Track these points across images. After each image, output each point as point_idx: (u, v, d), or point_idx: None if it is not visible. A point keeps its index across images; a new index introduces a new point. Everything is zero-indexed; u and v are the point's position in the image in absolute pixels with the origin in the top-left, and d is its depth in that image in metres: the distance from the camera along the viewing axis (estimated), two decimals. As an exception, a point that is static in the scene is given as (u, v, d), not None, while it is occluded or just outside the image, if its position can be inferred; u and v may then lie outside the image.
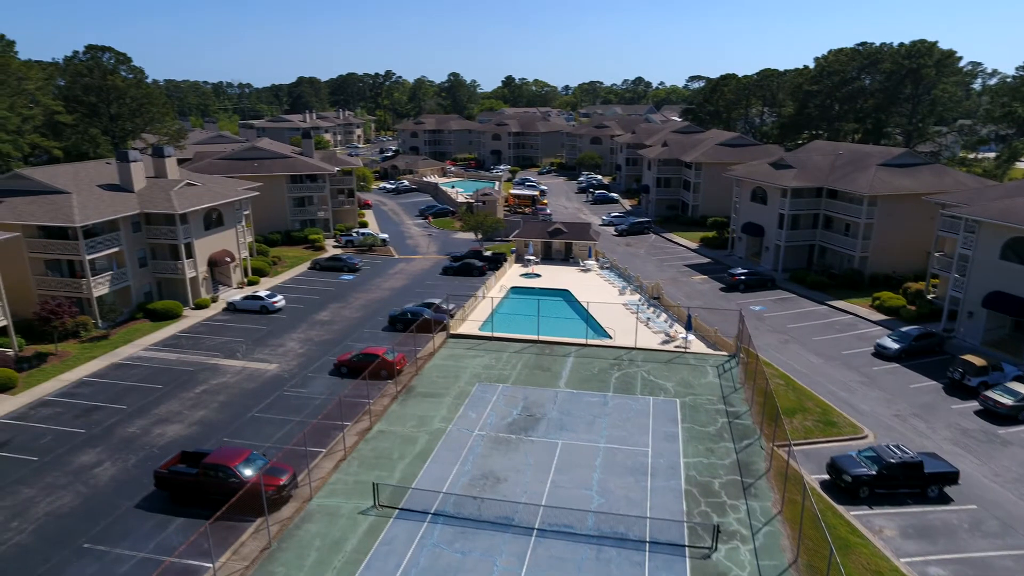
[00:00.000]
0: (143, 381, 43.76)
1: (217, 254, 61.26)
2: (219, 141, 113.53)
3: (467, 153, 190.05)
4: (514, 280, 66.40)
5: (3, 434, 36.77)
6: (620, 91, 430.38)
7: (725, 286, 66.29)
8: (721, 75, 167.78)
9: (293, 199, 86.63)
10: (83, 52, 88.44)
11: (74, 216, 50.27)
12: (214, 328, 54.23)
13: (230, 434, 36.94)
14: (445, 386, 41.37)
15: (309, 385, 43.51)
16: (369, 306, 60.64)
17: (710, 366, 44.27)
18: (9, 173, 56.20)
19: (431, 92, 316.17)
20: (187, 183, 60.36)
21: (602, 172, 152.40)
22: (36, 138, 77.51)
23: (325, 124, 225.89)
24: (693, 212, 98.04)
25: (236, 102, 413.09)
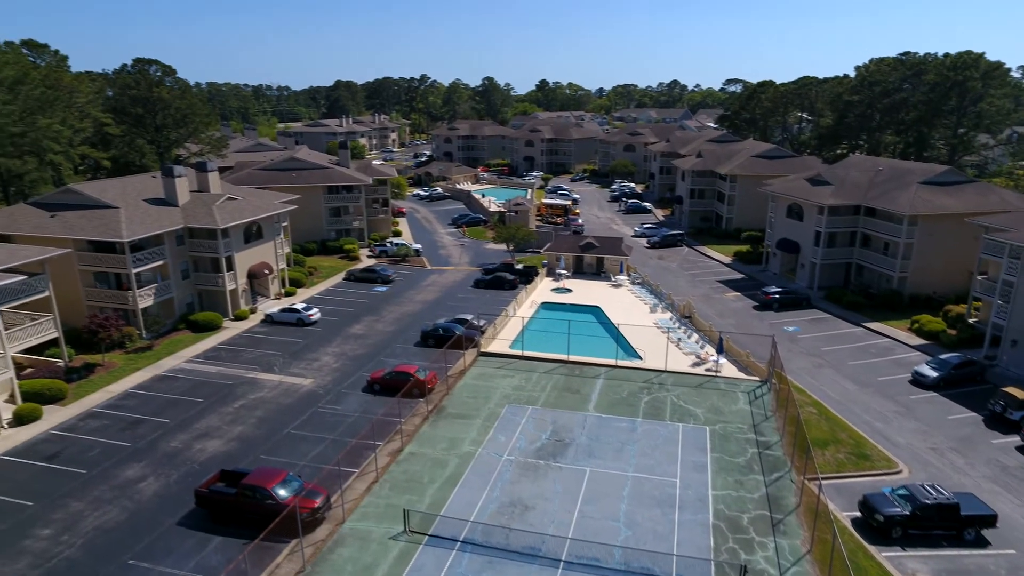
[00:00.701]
0: (185, 394, 45.29)
1: (256, 266, 62.93)
2: (259, 149, 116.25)
3: (500, 159, 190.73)
4: (545, 295, 66.72)
5: (54, 445, 38.52)
6: (655, 94, 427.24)
7: (758, 304, 65.60)
8: (759, 82, 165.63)
9: (329, 209, 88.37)
10: (131, 65, 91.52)
11: (122, 231, 52.24)
12: (252, 340, 55.77)
13: (267, 451, 38.06)
14: (475, 407, 41.92)
15: (343, 402, 44.51)
16: (402, 320, 61.61)
17: (741, 392, 43.97)
18: (62, 188, 58.62)
19: (465, 96, 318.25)
20: (228, 197, 62.14)
21: (635, 180, 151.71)
22: (86, 149, 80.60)
23: (361, 129, 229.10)
24: (727, 224, 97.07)
25: (275, 105, 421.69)
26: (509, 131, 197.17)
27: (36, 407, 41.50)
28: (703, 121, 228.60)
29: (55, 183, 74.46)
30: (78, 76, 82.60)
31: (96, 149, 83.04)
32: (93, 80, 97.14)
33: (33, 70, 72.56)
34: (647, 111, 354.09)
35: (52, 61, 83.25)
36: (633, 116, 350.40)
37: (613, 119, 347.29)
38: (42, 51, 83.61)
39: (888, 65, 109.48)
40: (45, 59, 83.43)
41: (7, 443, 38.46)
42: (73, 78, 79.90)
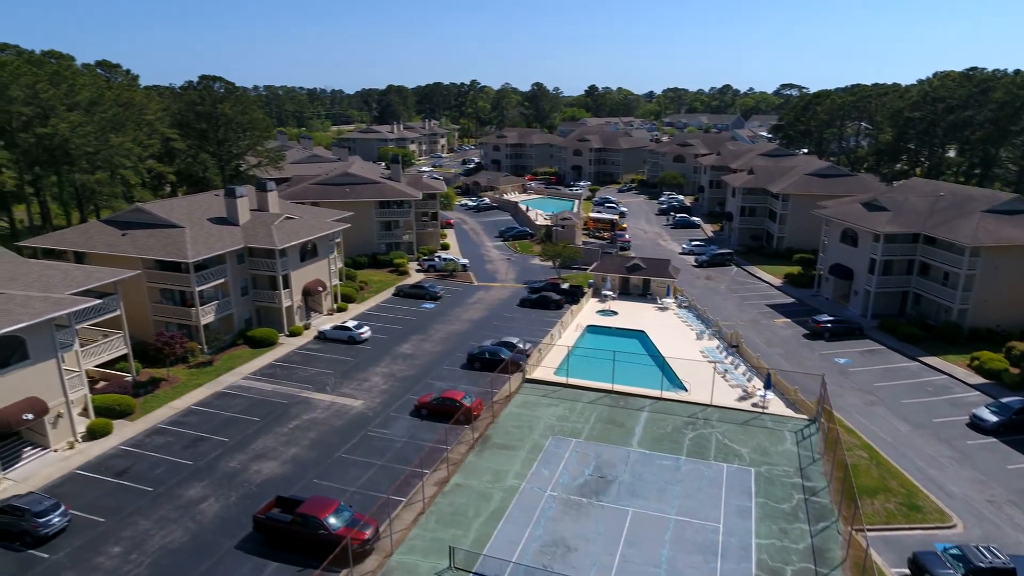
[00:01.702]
0: (243, 413, 47.37)
1: (311, 284, 65.11)
2: (314, 160, 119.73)
3: (548, 167, 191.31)
4: (591, 317, 66.98)
5: (124, 461, 40.93)
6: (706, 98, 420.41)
7: (809, 333, 64.36)
8: (815, 92, 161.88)
9: (380, 223, 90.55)
10: (197, 81, 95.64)
11: (187, 251, 54.92)
12: (306, 358, 57.81)
13: (319, 475, 39.58)
14: (520, 437, 42.64)
15: (391, 426, 45.83)
16: (449, 339, 62.80)
17: (788, 431, 43.46)
18: (132, 208, 61.87)
19: (514, 101, 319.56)
20: (286, 217, 64.49)
21: (684, 192, 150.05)
22: (153, 163, 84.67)
23: (411, 135, 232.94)
24: (778, 244, 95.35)
25: (328, 108, 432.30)
26: (557, 139, 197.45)
27: (107, 422, 44.14)
28: (756, 130, 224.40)
29: (125, 197, 78.56)
30: (147, 93, 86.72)
31: (162, 163, 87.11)
32: (160, 94, 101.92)
33: (107, 90, 76.71)
34: (698, 116, 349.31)
35: (124, 80, 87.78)
36: (683, 122, 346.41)
37: (663, 124, 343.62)
38: (115, 70, 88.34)
39: (953, 80, 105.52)
40: (117, 78, 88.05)
41: (81, 457, 41.06)
42: (143, 96, 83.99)
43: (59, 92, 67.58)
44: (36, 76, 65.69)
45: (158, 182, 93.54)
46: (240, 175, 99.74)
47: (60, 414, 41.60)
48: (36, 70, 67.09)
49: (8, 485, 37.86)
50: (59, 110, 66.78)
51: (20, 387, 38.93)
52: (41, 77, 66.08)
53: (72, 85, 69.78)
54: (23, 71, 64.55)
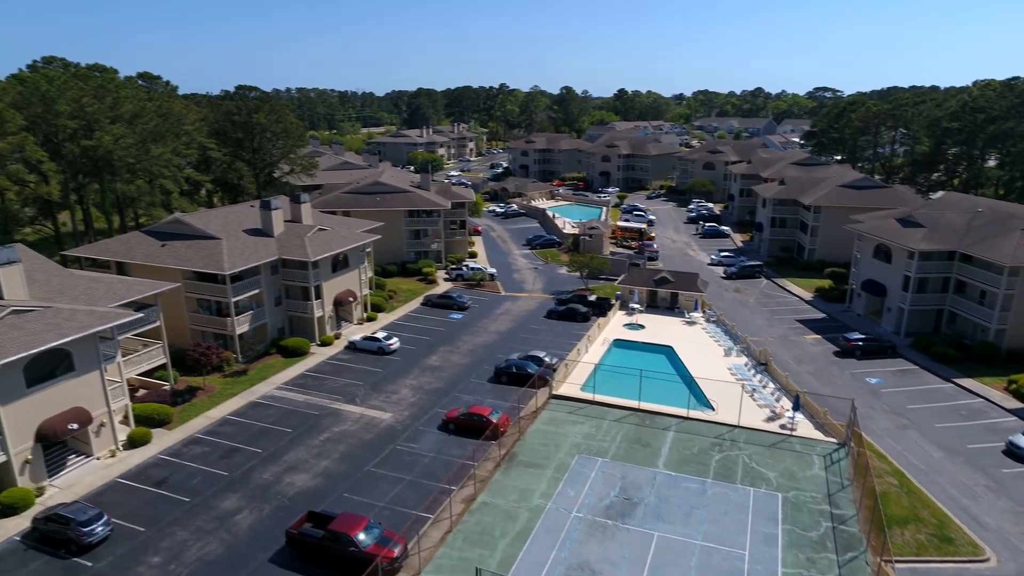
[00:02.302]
0: (275, 423, 48.57)
1: (342, 294, 66.30)
2: (346, 167, 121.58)
3: (576, 172, 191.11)
4: (617, 331, 67.06)
5: (162, 471, 42.31)
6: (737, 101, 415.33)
7: (839, 351, 63.53)
8: (848, 99, 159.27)
9: (409, 232, 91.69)
10: (233, 91, 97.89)
11: (224, 263, 56.42)
12: (336, 368, 58.92)
13: (349, 489, 40.44)
14: (546, 455, 43.03)
15: (419, 440, 46.56)
16: (476, 351, 63.41)
17: (817, 455, 43.12)
18: (171, 219, 63.71)
19: (543, 104, 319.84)
20: (319, 228, 65.77)
21: (714, 200, 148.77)
22: (191, 172, 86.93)
23: (440, 139, 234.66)
24: (809, 256, 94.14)
25: (359, 110, 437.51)
26: (585, 145, 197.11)
27: (147, 431, 45.65)
28: (787, 136, 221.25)
29: (163, 205, 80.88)
30: (186, 104, 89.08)
31: (199, 171, 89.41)
32: (197, 103, 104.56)
33: (148, 102, 79.06)
34: (728, 120, 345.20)
35: (164, 91, 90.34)
36: (714, 125, 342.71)
37: (692, 128, 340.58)
38: (155, 82, 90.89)
39: (994, 90, 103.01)
40: (157, 89, 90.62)
41: (122, 466, 42.55)
42: (182, 106, 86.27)
43: (103, 106, 69.99)
44: (82, 90, 68.19)
45: (195, 189, 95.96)
46: (273, 182, 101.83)
47: (103, 423, 43.16)
48: (82, 84, 69.62)
49: (54, 492, 39.45)
50: (103, 123, 69.17)
51: (66, 398, 40.52)
52: (86, 91, 68.58)
53: (116, 98, 72.21)
54: (70, 86, 67.06)
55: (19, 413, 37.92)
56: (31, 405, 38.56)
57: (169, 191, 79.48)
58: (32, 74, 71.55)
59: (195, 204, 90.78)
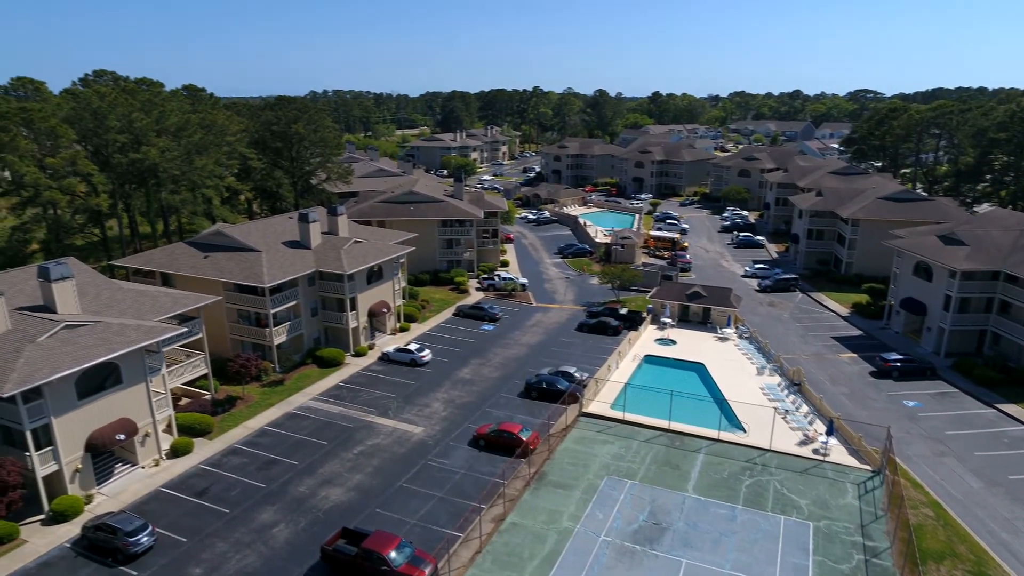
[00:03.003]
0: (311, 435, 49.82)
1: (376, 305, 67.51)
2: (380, 174, 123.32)
3: (608, 177, 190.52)
4: (649, 346, 66.95)
5: (203, 481, 43.81)
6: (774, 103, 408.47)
7: (876, 371, 62.37)
8: (890, 105, 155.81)
9: (443, 241, 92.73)
10: (273, 101, 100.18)
11: (263, 276, 58.01)
12: (370, 379, 60.06)
13: (381, 504, 41.34)
14: (575, 476, 43.36)
15: (450, 456, 47.27)
16: (507, 365, 63.95)
17: (850, 483, 42.58)
18: (213, 231, 65.66)
19: (576, 106, 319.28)
20: (355, 241, 67.07)
21: (749, 208, 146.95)
22: (232, 181, 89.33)
23: (473, 143, 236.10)
24: (846, 269, 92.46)
25: (394, 113, 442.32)
26: (618, 150, 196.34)
27: (189, 440, 47.29)
28: (826, 141, 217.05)
29: (207, 214, 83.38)
30: (228, 115, 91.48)
31: (239, 180, 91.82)
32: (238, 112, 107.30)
33: (192, 114, 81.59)
34: (765, 123, 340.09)
35: (208, 103, 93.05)
36: (750, 128, 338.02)
37: (728, 131, 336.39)
38: (199, 94, 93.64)
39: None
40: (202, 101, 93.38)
41: (166, 475, 44.18)
42: (224, 117, 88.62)
43: (150, 119, 72.51)
44: (131, 105, 70.78)
45: (234, 196, 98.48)
46: (311, 189, 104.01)
47: (148, 433, 44.88)
48: (130, 99, 72.22)
49: (102, 500, 41.21)
50: (150, 136, 71.64)
51: (114, 409, 42.27)
52: (135, 106, 71.16)
53: (162, 112, 74.76)
54: (119, 101, 69.67)
55: (70, 424, 39.71)
56: (81, 416, 40.33)
57: (211, 199, 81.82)
58: (84, 90, 74.64)
59: (236, 212, 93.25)
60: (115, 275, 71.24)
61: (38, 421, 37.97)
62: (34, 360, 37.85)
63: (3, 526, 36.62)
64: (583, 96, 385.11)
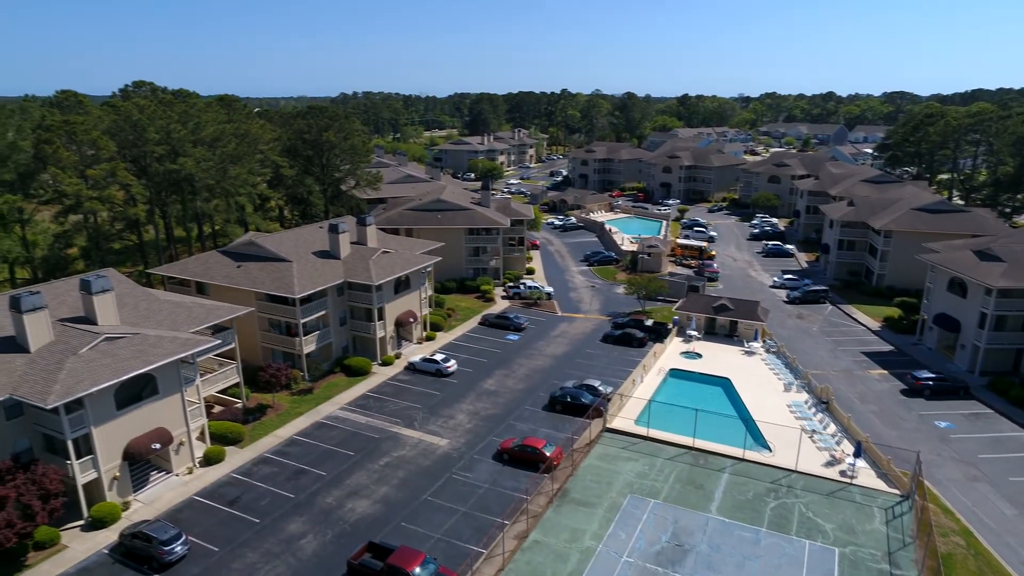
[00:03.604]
0: (339, 445, 50.77)
1: (403, 315, 68.41)
2: (408, 180, 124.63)
3: (636, 182, 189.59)
4: (674, 359, 66.73)
5: (234, 490, 44.98)
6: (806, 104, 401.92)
7: (907, 389, 61.28)
8: (926, 109, 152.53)
9: (469, 249, 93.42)
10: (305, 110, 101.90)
11: (294, 287, 59.23)
12: (396, 389, 60.92)
13: (406, 518, 42.00)
14: (598, 494, 43.54)
15: (475, 469, 47.77)
16: (532, 376, 64.29)
17: (878, 507, 42.06)
18: (246, 241, 67.16)
19: (604, 108, 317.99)
20: (383, 251, 68.05)
21: (779, 215, 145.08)
22: (264, 189, 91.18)
23: (500, 146, 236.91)
24: (878, 281, 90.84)
25: (422, 114, 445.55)
26: (646, 154, 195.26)
27: (221, 449, 48.57)
28: (860, 146, 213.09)
29: (239, 221, 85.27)
30: (261, 125, 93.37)
31: (271, 187, 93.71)
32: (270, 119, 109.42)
33: (227, 124, 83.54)
34: (797, 126, 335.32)
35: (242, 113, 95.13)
36: (781, 131, 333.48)
37: (758, 134, 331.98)
38: (234, 103, 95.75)
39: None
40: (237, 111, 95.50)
41: (199, 483, 45.47)
42: (258, 127, 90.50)
43: (187, 131, 74.49)
44: (168, 117, 72.83)
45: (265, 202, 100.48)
46: (340, 195, 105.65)
47: (182, 442, 46.23)
48: (168, 111, 74.30)
49: (138, 507, 42.60)
50: (186, 147, 73.61)
51: (150, 419, 43.64)
52: (172, 118, 73.20)
53: (198, 123, 76.74)
54: (158, 114, 71.76)
55: (109, 434, 41.13)
56: (120, 426, 41.74)
57: (243, 206, 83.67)
58: (124, 103, 76.98)
59: (267, 219, 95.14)
60: (152, 282, 73.37)
61: (79, 431, 39.42)
62: (76, 372, 39.31)
63: (45, 531, 38.09)
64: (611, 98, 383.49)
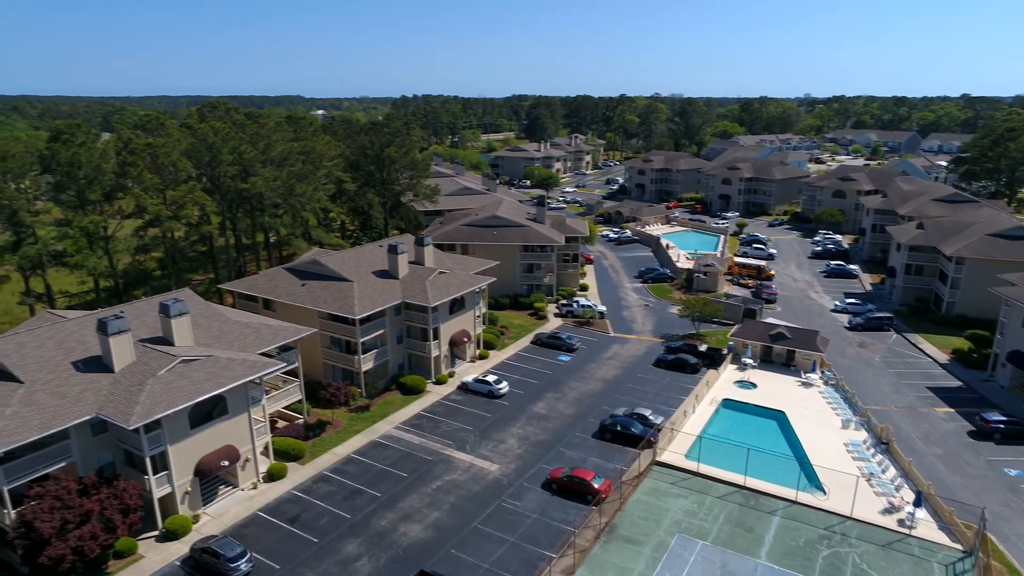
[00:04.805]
0: (393, 466, 52.54)
1: (457, 334, 69.95)
2: (465, 193, 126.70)
3: (694, 192, 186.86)
4: (727, 388, 66.00)
5: (295, 507, 47.25)
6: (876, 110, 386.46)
7: (975, 431, 58.87)
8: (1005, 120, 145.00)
9: (523, 265, 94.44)
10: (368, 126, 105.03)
11: (354, 308, 61.47)
12: (449, 410, 62.43)
13: (456, 545, 43.24)
14: (646, 531, 43.76)
15: (523, 498, 48.66)
16: (582, 401, 64.74)
17: (938, 563, 40.82)
18: (310, 257, 70.00)
19: (663, 114, 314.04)
20: (439, 272, 69.74)
21: (843, 231, 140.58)
22: (327, 204, 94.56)
23: (556, 153, 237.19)
24: (948, 310, 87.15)
25: (480, 117, 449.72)
26: (705, 164, 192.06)
27: (283, 465, 51.02)
28: (933, 158, 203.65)
29: (304, 236, 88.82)
30: (327, 141, 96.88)
31: (333, 201, 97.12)
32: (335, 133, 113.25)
33: (295, 142, 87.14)
34: (866, 133, 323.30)
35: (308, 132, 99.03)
36: (848, 138, 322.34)
37: (824, 141, 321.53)
38: (300, 118, 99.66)
39: None
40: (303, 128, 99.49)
41: (262, 499, 47.95)
42: (324, 144, 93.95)
43: (257, 152, 78.14)
44: (240, 139, 76.63)
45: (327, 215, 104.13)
46: (399, 207, 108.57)
47: (248, 459, 48.83)
48: (240, 132, 78.15)
49: (207, 520, 45.30)
50: (256, 167, 77.26)
51: (220, 437, 46.30)
52: (244, 139, 76.96)
53: (268, 144, 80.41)
54: (231, 136, 75.64)
55: (183, 451, 43.90)
56: (192, 444, 44.48)
57: (309, 222, 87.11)
58: (201, 124, 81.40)
59: (330, 231, 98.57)
60: (222, 296, 77.29)
61: (156, 448, 42.25)
62: (155, 393, 42.13)
63: (124, 542, 41.04)
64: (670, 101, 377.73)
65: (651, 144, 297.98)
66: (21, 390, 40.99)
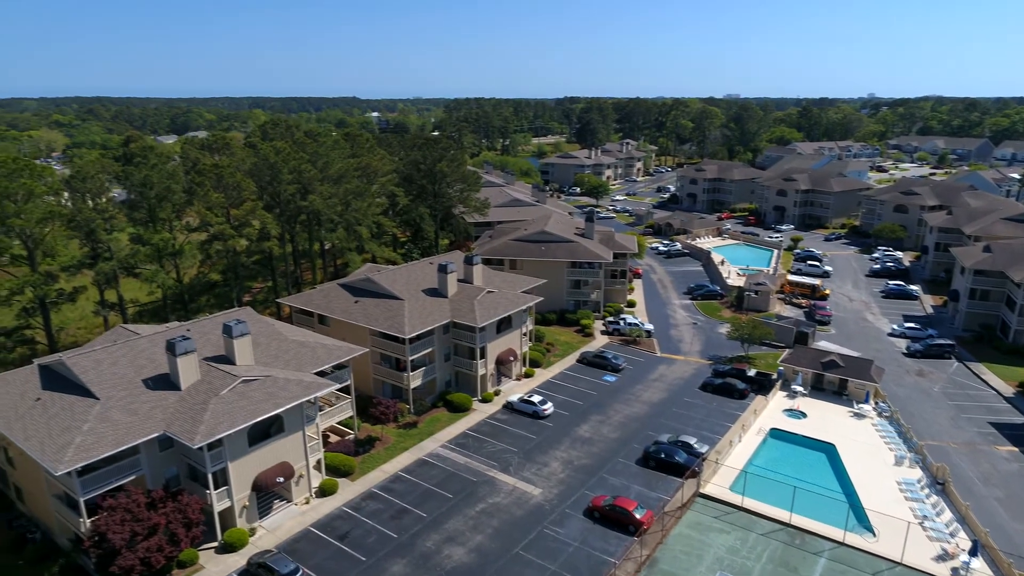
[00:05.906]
0: (439, 486, 53.93)
1: (504, 353, 71.03)
2: (515, 204, 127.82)
3: (747, 203, 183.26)
4: (776, 417, 65.03)
5: (345, 524, 49.11)
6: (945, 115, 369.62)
7: (1040, 473, 56.50)
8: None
9: (570, 282, 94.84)
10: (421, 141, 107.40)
11: (404, 328, 63.23)
12: (494, 429, 63.52)
13: (498, 571, 44.17)
14: (687, 567, 43.81)
15: (565, 524, 49.29)
16: (626, 425, 64.84)
17: (992, 618, 39.57)
18: (363, 275, 72.22)
19: (718, 120, 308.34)
20: (487, 291, 70.96)
21: (904, 247, 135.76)
22: (380, 218, 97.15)
23: (607, 160, 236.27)
24: (1015, 338, 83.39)
25: (531, 120, 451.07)
26: (759, 174, 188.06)
27: (334, 481, 53.05)
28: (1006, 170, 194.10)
29: (358, 250, 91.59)
30: (382, 156, 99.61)
31: (387, 216, 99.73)
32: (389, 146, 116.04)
33: (352, 158, 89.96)
34: (932, 139, 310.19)
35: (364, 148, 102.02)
36: (913, 145, 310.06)
37: (887, 148, 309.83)
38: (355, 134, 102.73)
39: None
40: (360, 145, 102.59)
41: (314, 514, 50.00)
42: (379, 160, 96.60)
43: (315, 170, 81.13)
44: (300, 158, 79.71)
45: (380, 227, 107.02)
46: (449, 219, 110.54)
47: (301, 475, 50.98)
48: (301, 152, 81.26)
49: (262, 533, 47.56)
50: (315, 184, 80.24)
51: (276, 454, 48.54)
52: (303, 159, 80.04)
53: (326, 162, 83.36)
54: (292, 156, 78.77)
55: (242, 467, 46.24)
56: (250, 461, 46.79)
57: (363, 236, 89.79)
58: (264, 144, 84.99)
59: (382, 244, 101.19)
60: (280, 308, 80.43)
61: (218, 465, 44.66)
62: (218, 413, 44.54)
63: (187, 553, 43.56)
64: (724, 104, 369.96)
65: (704, 150, 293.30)
66: (97, 406, 43.99)
